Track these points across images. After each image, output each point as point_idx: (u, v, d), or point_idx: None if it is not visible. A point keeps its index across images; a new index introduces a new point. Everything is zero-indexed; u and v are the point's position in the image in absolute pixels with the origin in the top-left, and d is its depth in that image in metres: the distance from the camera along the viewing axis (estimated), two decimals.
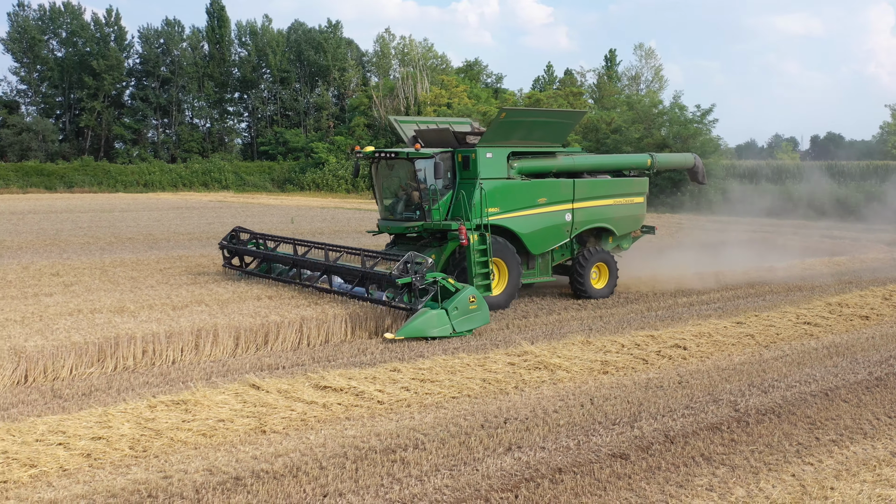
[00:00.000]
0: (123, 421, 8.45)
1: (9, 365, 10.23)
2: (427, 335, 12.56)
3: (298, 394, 9.56)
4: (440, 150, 15.28)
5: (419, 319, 12.61)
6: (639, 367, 11.18)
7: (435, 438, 8.25)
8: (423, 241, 15.98)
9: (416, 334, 12.52)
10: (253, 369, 10.95)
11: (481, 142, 15.44)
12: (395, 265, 13.05)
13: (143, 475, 7.24)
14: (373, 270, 13.75)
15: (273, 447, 7.99)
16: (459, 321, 12.92)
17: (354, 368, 10.77)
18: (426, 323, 12.62)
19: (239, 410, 8.96)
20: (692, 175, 20.52)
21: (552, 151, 16.80)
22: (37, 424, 8.28)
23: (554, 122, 16.92)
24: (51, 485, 7.03)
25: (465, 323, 13.00)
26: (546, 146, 16.61)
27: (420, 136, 16.56)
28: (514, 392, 9.97)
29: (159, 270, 17.84)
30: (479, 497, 6.85)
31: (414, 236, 16.14)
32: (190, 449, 7.93)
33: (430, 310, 12.76)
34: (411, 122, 17.93)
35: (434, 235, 15.78)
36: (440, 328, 12.70)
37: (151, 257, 20.92)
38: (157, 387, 10.11)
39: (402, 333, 12.49)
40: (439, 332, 12.68)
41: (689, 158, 20.28)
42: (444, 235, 15.56)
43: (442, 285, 12.99)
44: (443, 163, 14.94)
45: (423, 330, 12.57)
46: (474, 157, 15.22)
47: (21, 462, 7.38)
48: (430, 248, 15.53)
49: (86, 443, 7.89)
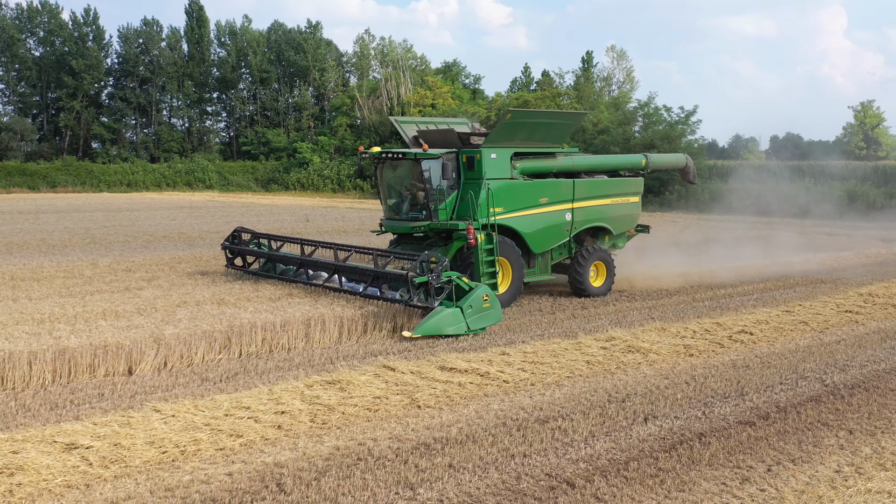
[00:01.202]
0: (292, 399, 9.33)
1: (150, 352, 11.02)
2: (443, 333, 12.76)
3: (430, 374, 10.49)
4: (445, 151, 15.54)
5: (435, 318, 12.78)
6: (717, 350, 12.27)
7: (575, 411, 9.25)
8: (429, 241, 16.16)
9: (433, 332, 12.69)
10: (367, 355, 11.82)
11: (486, 142, 15.75)
12: (413, 264, 13.32)
13: (338, 443, 8.13)
14: (386, 270, 14.00)
15: (435, 419, 8.93)
16: (474, 319, 13.12)
17: (467, 353, 11.71)
18: (442, 321, 12.81)
19: (386, 389, 9.87)
20: (683, 175, 21.17)
21: (552, 152, 17.13)
22: (218, 401, 9.13)
23: (556, 122, 17.31)
24: (262, 451, 7.90)
25: (480, 321, 13.22)
26: (547, 147, 16.91)
27: (423, 137, 16.78)
28: (619, 372, 11.00)
29: (223, 265, 18.54)
30: (646, 456, 7.86)
31: (420, 236, 16.32)
32: (363, 421, 8.84)
33: (445, 308, 12.94)
34: (411, 122, 18.09)
35: (440, 235, 15.97)
36: (455, 326, 12.89)
37: (204, 254, 21.65)
38: (289, 371, 10.94)
39: (419, 331, 12.64)
40: (454, 330, 12.87)
41: (682, 159, 20.96)
42: (449, 235, 15.77)
43: (456, 284, 13.22)
44: (450, 163, 15.28)
45: (439, 328, 12.76)
46: (479, 158, 15.49)
47: (227, 433, 8.24)
48: (436, 248, 15.67)
49: (272, 416, 8.77)
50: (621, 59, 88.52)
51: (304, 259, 15.94)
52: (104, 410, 9.02)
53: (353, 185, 68.67)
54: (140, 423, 8.34)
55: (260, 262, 17.31)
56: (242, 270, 17.17)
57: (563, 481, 7.21)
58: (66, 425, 8.26)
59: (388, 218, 16.58)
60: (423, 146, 15.69)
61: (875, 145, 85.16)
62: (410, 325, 13.18)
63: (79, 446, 7.69)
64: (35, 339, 10.79)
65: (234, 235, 17.61)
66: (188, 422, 8.48)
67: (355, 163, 70.72)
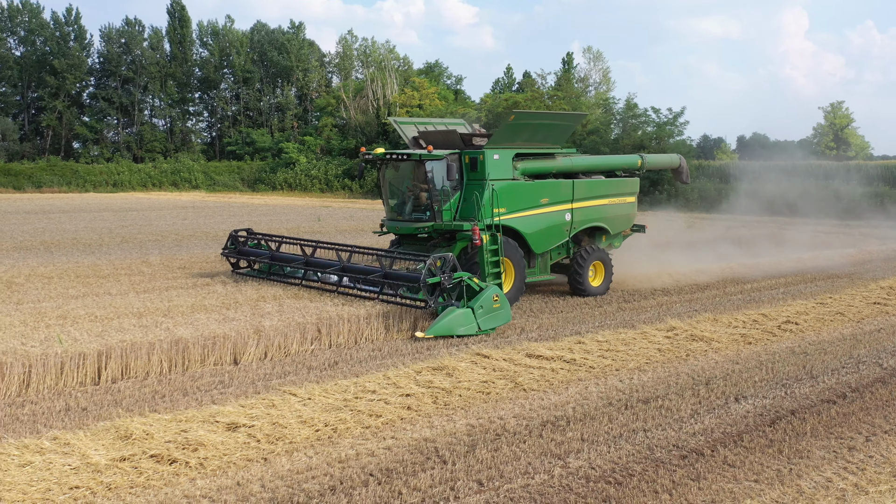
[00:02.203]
0: (408, 383, 10.08)
1: (252, 342, 11.69)
2: (455, 333, 12.84)
3: (520, 361, 11.30)
4: (449, 152, 15.63)
5: (447, 318, 12.87)
6: (771, 338, 13.19)
7: (669, 392, 10.09)
8: (432, 242, 16.19)
9: (445, 332, 12.78)
10: (450, 345, 12.58)
11: (489, 143, 15.85)
12: (424, 265, 13.31)
13: (469, 421, 8.89)
14: (395, 271, 14.16)
15: (545, 400, 9.72)
16: (484, 319, 13.20)
17: (543, 342, 12.53)
18: (454, 321, 12.89)
19: (487, 374, 10.65)
20: (676, 175, 21.61)
21: (552, 153, 17.26)
22: (343, 385, 9.86)
23: (558, 124, 17.40)
24: (405, 428, 8.64)
25: (490, 321, 13.30)
26: (547, 148, 17.05)
27: (424, 138, 16.79)
28: (690, 358, 11.87)
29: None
30: (754, 429, 8.72)
31: (425, 237, 16.34)
32: (480, 402, 9.61)
33: (456, 309, 13.03)
34: (410, 122, 18.06)
35: (443, 236, 16.02)
36: (467, 326, 12.97)
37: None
38: (381, 359, 11.65)
39: (432, 332, 12.73)
40: (466, 330, 12.95)
41: (675, 159, 21.42)
42: (452, 236, 15.82)
43: (467, 284, 13.30)
44: (454, 164, 15.39)
45: (451, 328, 12.84)
46: (482, 159, 15.57)
47: (366, 413, 8.98)
48: (439, 248, 15.80)
49: (398, 399, 9.51)
50: (598, 60, 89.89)
51: (311, 260, 15.86)
52: (236, 395, 9.69)
53: (341, 184, 69.18)
54: (283, 406, 9.04)
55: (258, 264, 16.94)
56: (252, 270, 16.91)
57: (691, 451, 8.04)
58: (215, 408, 8.93)
59: (391, 219, 16.60)
60: (424, 147, 15.91)
61: (844, 145, 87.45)
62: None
63: (241, 426, 8.38)
64: (144, 331, 11.39)
65: (232, 239, 17.25)
66: (325, 404, 9.19)
67: (343, 163, 71.41)
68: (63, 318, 12.19)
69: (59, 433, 8.03)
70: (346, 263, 14.95)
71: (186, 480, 7.18)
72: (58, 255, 21.16)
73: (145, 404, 9.38)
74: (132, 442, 7.84)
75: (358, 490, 7.01)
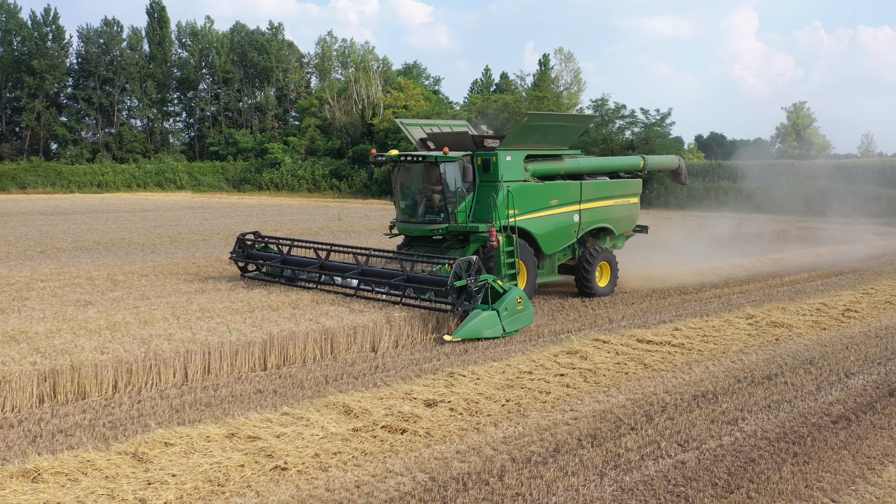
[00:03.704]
0: (551, 364, 11.19)
1: (386, 332, 12.69)
2: (481, 336, 12.91)
3: (635, 345, 12.47)
4: (463, 153, 15.81)
5: (474, 321, 12.90)
6: (841, 324, 14.53)
7: (783, 370, 11.32)
8: (447, 243, 16.20)
9: (472, 335, 12.83)
10: (565, 331, 13.72)
11: (502, 145, 16.00)
12: (450, 268, 13.34)
13: (629, 396, 10.02)
14: (419, 275, 14.13)
15: (678, 378, 10.88)
16: (509, 321, 13.25)
17: (643, 329, 13.71)
18: (480, 324, 12.92)
19: (614, 357, 11.80)
20: (675, 175, 22.17)
21: (560, 154, 17.48)
22: (496, 367, 10.93)
23: (567, 125, 17.78)
24: (576, 402, 9.75)
25: (514, 323, 13.37)
26: (556, 149, 17.27)
27: (434, 139, 16.89)
28: (780, 342, 13.11)
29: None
30: (878, 399, 9.99)
31: (439, 238, 16.23)
32: (626, 381, 10.75)
33: (482, 311, 13.05)
34: (416, 124, 18.00)
35: (456, 237, 16.08)
36: (492, 329, 13.03)
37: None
38: (504, 345, 12.72)
39: (459, 335, 12.78)
40: (491, 332, 13.00)
41: (675, 160, 22.08)
42: (466, 237, 15.92)
43: (491, 287, 13.31)
44: (469, 166, 15.59)
45: (478, 331, 12.88)
46: (495, 160, 15.70)
47: (535, 390, 10.08)
48: (452, 250, 15.93)
49: (554, 378, 10.61)
50: (569, 61, 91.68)
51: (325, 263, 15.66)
52: (404, 378, 10.72)
53: (329, 184, 69.86)
54: (459, 385, 10.09)
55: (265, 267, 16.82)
56: (262, 273, 16.74)
57: (839, 417, 9.28)
58: (406, 387, 9.95)
59: (403, 221, 16.60)
60: (432, 148, 16.15)
61: (807, 145, 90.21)
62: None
63: (437, 402, 9.42)
64: (295, 321, 12.32)
65: (240, 242, 16.97)
66: (494, 383, 10.27)
67: (329, 163, 72.11)
68: (204, 310, 13.07)
69: (288, 409, 9.01)
70: (364, 266, 14.84)
71: (423, 446, 8.22)
72: (124, 255, 21.88)
73: (324, 386, 10.36)
74: (355, 416, 8.85)
75: (578, 451, 8.11)
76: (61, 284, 15.86)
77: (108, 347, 10.54)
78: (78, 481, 7.00)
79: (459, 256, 14.05)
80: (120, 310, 13.11)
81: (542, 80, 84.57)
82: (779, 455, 8.07)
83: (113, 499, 6.74)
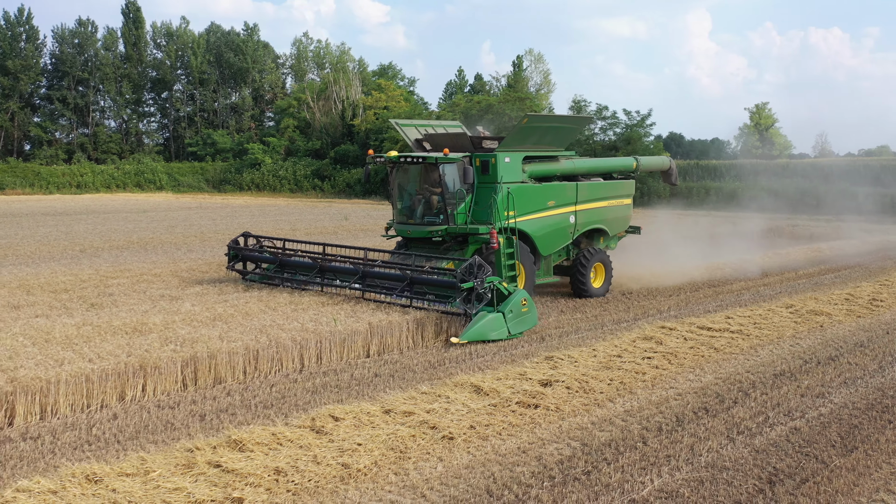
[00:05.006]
0: (633, 348, 12.19)
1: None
2: (487, 338, 12.94)
3: (698, 332, 13.51)
4: (463, 155, 15.83)
5: (480, 323, 12.91)
6: (872, 312, 15.74)
7: (840, 351, 12.44)
8: (445, 245, 16.21)
9: (479, 338, 12.86)
10: (621, 321, 14.75)
11: (502, 146, 16.03)
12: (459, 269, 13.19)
13: (714, 376, 11.05)
14: (426, 277, 13.95)
15: (750, 361, 11.93)
16: (514, 323, 13.33)
17: (694, 318, 14.76)
18: (486, 326, 12.94)
19: (684, 342, 12.82)
20: (666, 176, 22.57)
21: (555, 155, 17.55)
22: (583, 351, 11.90)
23: (565, 127, 17.99)
24: (672, 380, 10.75)
25: (519, 325, 13.43)
26: (552, 150, 17.36)
27: (431, 140, 16.94)
28: (825, 328, 14.25)
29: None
30: None
31: (438, 240, 16.20)
32: (705, 362, 11.77)
33: (487, 313, 13.05)
34: (411, 125, 18.00)
35: (455, 238, 16.11)
36: (498, 331, 13.07)
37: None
38: (573, 334, 13.72)
39: (466, 337, 12.76)
40: (497, 335, 13.04)
41: (666, 161, 22.58)
42: (465, 239, 15.96)
43: (496, 288, 13.32)
44: (470, 167, 15.58)
45: (484, 333, 12.91)
46: (494, 162, 15.75)
47: (631, 371, 11.06)
48: (451, 252, 15.94)
49: (643, 360, 11.61)
50: (539, 63, 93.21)
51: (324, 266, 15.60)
52: (503, 362, 11.66)
53: (311, 185, 70.29)
54: (561, 366, 11.04)
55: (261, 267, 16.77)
56: (257, 274, 16.58)
57: None
58: (519, 368, 10.88)
59: (401, 222, 16.51)
60: (428, 149, 16.26)
61: (769, 145, 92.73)
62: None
63: (550, 381, 10.35)
64: (387, 313, 13.17)
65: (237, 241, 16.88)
66: (591, 364, 11.24)
67: (310, 163, 72.55)
68: (293, 302, 13.86)
69: (426, 389, 9.90)
70: (367, 268, 14.71)
71: (558, 418, 9.17)
72: (163, 253, 22.50)
73: (444, 369, 11.27)
74: (486, 394, 9.76)
75: (698, 420, 9.11)
76: (132, 281, 16.51)
77: (230, 336, 11.31)
78: (278, 450, 7.83)
79: (458, 258, 14.21)
80: (212, 303, 13.85)
81: (516, 82, 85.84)
82: (877, 421, 9.15)
83: (318, 463, 7.57)
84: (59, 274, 17.37)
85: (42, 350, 10.30)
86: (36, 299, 14.27)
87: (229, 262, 16.77)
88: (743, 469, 7.72)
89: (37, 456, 7.96)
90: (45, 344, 10.64)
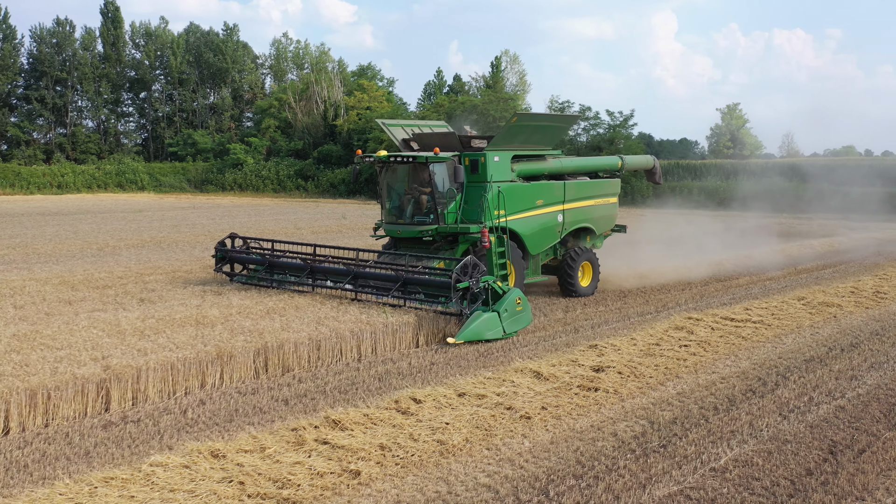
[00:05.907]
0: (668, 337, 12.90)
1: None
2: (483, 338, 12.92)
3: (724, 323, 14.25)
4: (452, 154, 15.79)
5: (475, 323, 12.88)
6: (878, 304, 16.57)
7: (859, 339, 13.24)
8: (436, 245, 16.18)
9: (475, 338, 12.83)
10: (646, 313, 15.48)
11: (491, 145, 16.08)
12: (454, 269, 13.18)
13: (750, 362, 11.78)
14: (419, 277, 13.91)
15: (778, 348, 12.68)
16: (509, 322, 13.28)
17: (715, 308, 15.53)
18: (481, 326, 12.90)
19: (713, 332, 13.56)
20: (650, 175, 22.94)
21: (543, 154, 17.56)
22: (623, 340, 12.59)
23: (554, 126, 18.05)
24: (712, 366, 11.47)
25: (514, 324, 13.41)
26: (541, 150, 17.37)
27: (420, 140, 16.92)
28: (838, 318, 15.06)
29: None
30: None
31: (428, 240, 16.16)
32: (736, 350, 12.49)
33: (482, 313, 13.04)
34: (397, 125, 17.95)
35: (445, 238, 16.08)
36: (493, 331, 13.05)
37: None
38: (602, 326, 14.42)
39: (462, 337, 12.74)
40: (492, 334, 13.02)
41: (650, 160, 22.83)
42: (455, 238, 15.93)
43: (491, 288, 13.29)
44: (460, 166, 15.55)
45: (480, 333, 12.88)
46: (483, 161, 15.75)
47: (673, 358, 11.77)
48: (441, 251, 15.94)
49: (680, 348, 12.33)
50: (514, 63, 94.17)
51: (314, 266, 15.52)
52: (548, 350, 12.32)
53: (294, 185, 70.55)
54: (607, 354, 11.72)
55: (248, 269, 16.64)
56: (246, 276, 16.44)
57: None
58: (568, 356, 11.54)
59: (390, 222, 16.38)
60: (416, 149, 16.33)
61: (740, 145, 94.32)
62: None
63: (605, 368, 11.03)
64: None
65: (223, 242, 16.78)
66: (634, 352, 11.94)
67: (293, 164, 72.81)
68: (334, 294, 14.43)
69: (490, 373, 10.54)
70: (358, 269, 14.68)
71: (618, 400, 9.85)
72: (181, 251, 22.93)
73: (494, 357, 11.91)
74: (546, 379, 10.42)
75: (749, 400, 9.83)
76: (167, 278, 16.98)
77: (292, 328, 11.87)
78: (374, 428, 8.42)
79: (449, 258, 14.42)
80: (258, 297, 14.36)
81: (495, 82, 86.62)
82: None
83: (416, 440, 8.18)
84: (92, 272, 17.74)
85: (122, 341, 10.79)
86: (84, 295, 14.69)
87: (217, 265, 16.49)
88: (804, 441, 8.44)
89: (147, 437, 8.48)
90: (121, 335, 11.12)
